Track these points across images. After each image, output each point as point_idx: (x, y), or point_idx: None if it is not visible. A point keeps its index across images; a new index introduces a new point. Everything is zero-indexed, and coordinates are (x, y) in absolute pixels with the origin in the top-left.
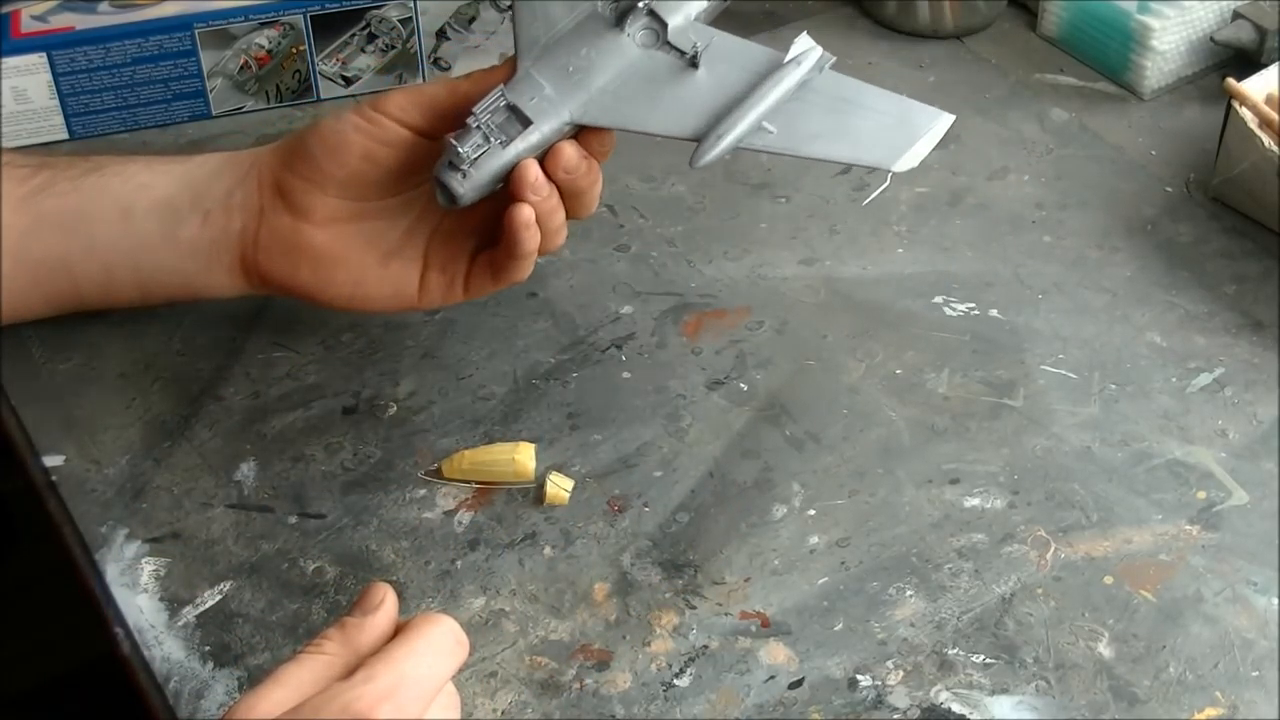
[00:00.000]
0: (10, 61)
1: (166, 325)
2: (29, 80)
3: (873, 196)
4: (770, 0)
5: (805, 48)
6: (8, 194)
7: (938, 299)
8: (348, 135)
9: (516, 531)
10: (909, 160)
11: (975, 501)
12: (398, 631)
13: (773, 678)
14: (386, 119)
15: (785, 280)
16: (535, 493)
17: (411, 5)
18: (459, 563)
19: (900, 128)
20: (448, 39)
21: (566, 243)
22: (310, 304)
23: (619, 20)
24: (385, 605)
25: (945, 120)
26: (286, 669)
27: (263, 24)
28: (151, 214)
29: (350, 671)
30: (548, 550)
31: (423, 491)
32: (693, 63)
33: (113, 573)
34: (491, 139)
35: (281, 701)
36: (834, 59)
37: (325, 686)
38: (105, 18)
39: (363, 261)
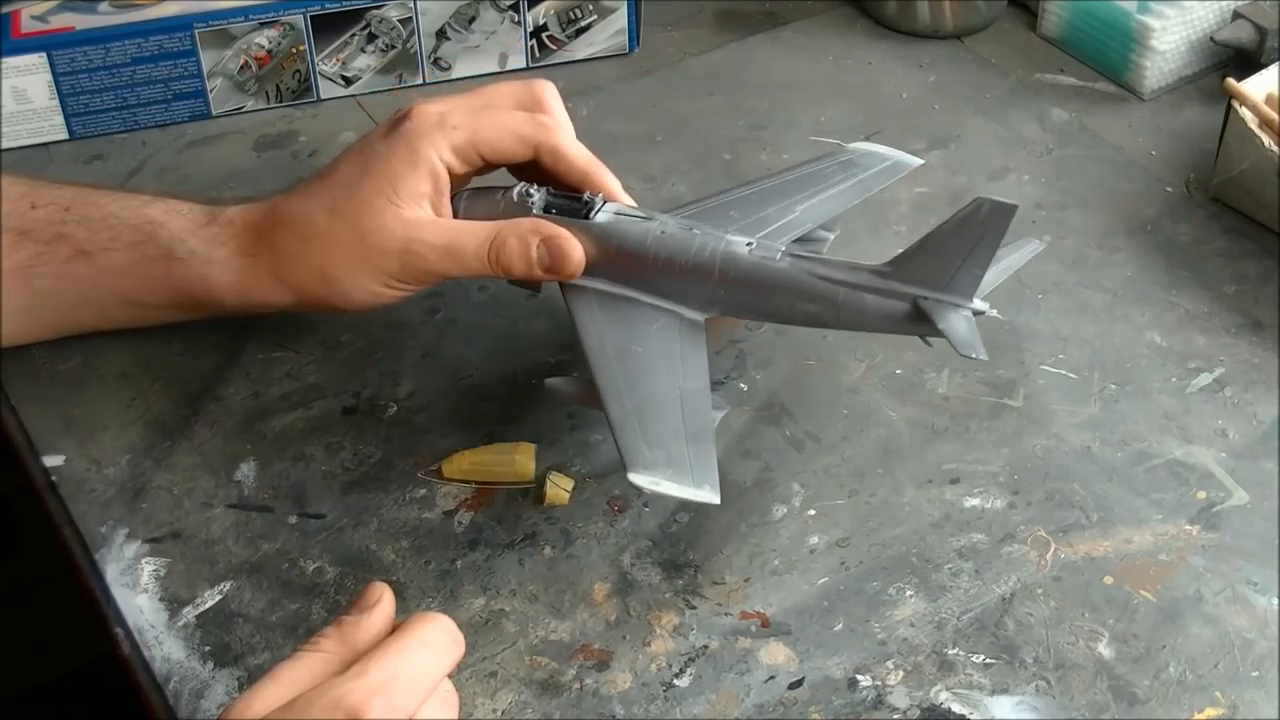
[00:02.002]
0: (10, 61)
1: (167, 326)
2: (29, 80)
3: None
4: (770, 0)
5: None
6: None
7: None
8: (391, 302)
9: (516, 531)
10: None
11: (975, 501)
12: (395, 630)
13: (773, 678)
14: (425, 286)
15: None
16: (535, 493)
17: (411, 5)
18: (459, 563)
19: None
20: (448, 39)
21: None
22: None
23: None
24: (382, 604)
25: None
26: (283, 667)
27: (263, 24)
28: (162, 308)
29: (346, 668)
30: (548, 550)
31: (423, 491)
32: None
33: (113, 573)
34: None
35: (277, 698)
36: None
37: (320, 683)
38: (105, 18)
39: None
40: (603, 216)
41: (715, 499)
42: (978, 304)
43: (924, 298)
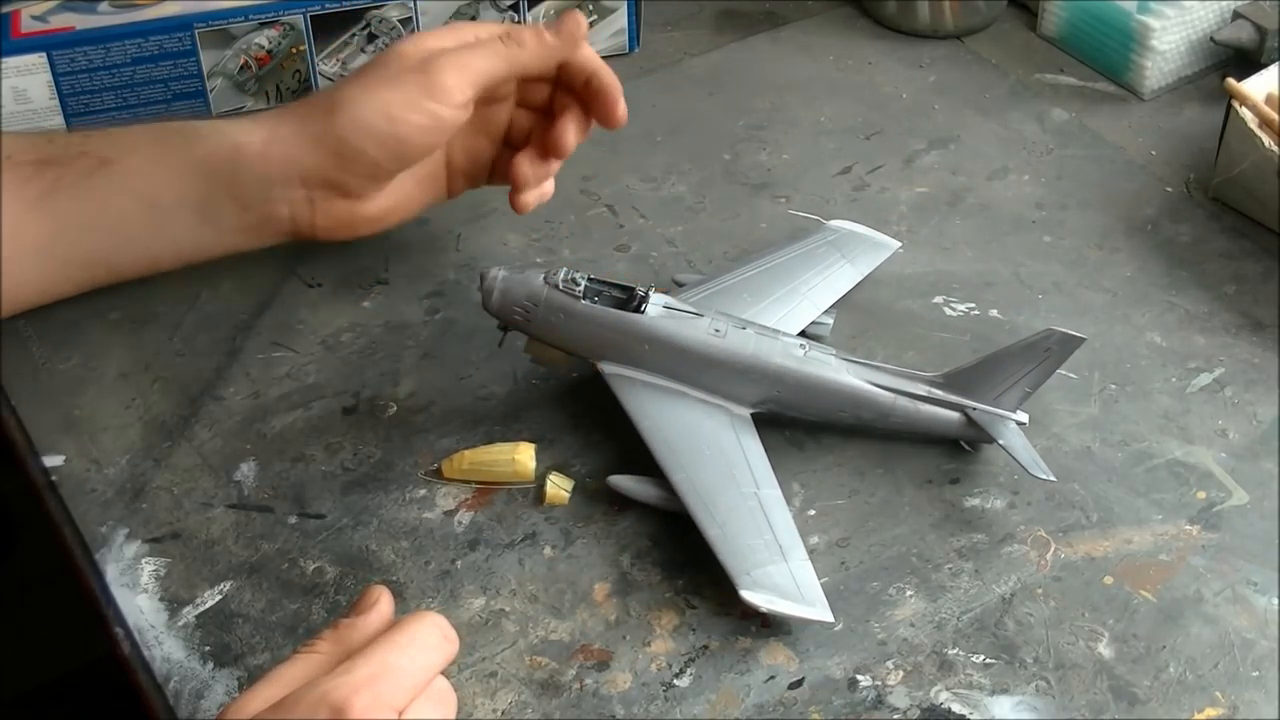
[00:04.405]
0: (10, 61)
1: (166, 325)
2: (29, 80)
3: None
4: (770, 0)
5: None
6: (14, 198)
7: (938, 299)
8: (412, 138)
9: (516, 531)
10: None
11: (975, 501)
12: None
13: (773, 678)
14: (449, 112)
15: None
16: (535, 493)
17: (411, 5)
18: (459, 563)
19: None
20: None
21: (567, 242)
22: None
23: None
24: (379, 606)
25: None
26: (279, 668)
27: (263, 24)
28: (182, 208)
29: None
30: (548, 550)
31: (423, 491)
32: None
33: (113, 573)
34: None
35: (271, 698)
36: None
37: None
38: (105, 18)
39: (406, 192)
40: (653, 310)
41: (829, 617)
42: (1020, 415)
43: (974, 408)
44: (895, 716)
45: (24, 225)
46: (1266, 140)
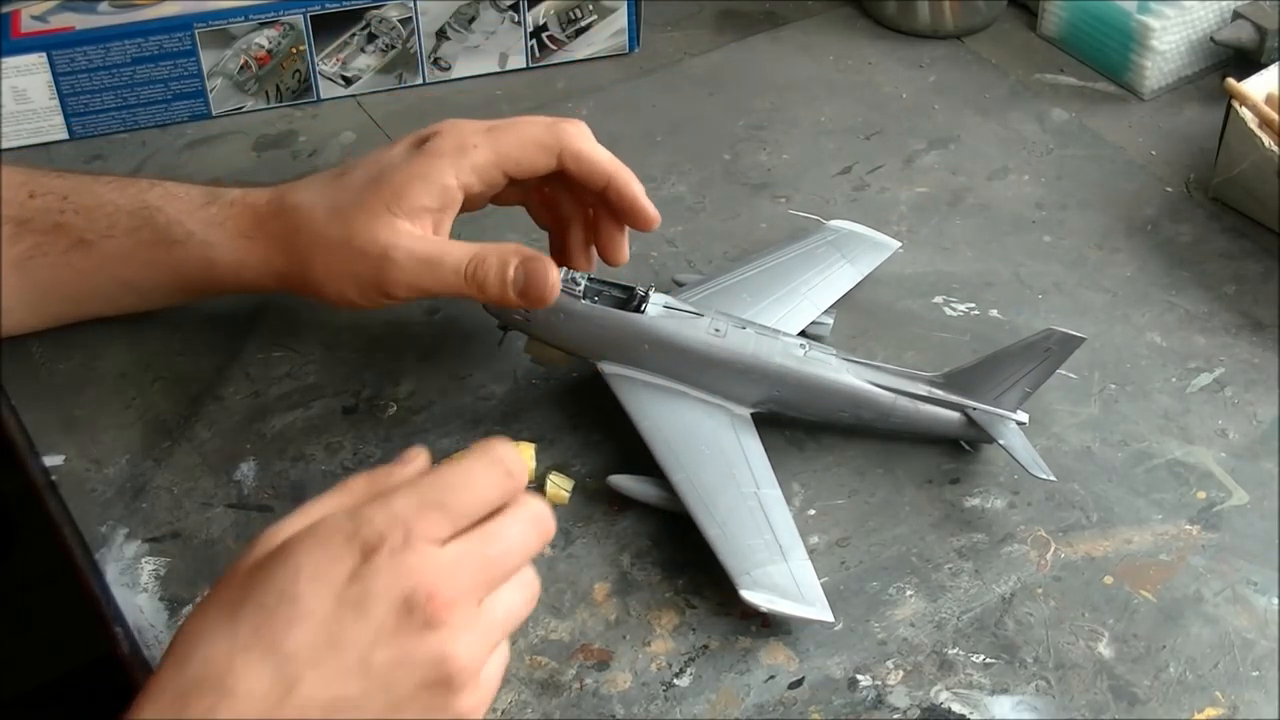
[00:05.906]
0: (10, 61)
1: (166, 325)
2: (29, 80)
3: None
4: (770, 0)
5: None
6: None
7: (938, 299)
8: (365, 308)
9: None
10: None
11: (975, 501)
12: None
13: (773, 678)
14: (398, 302)
15: None
16: (535, 493)
17: (411, 5)
18: None
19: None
20: (448, 39)
21: None
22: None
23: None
24: (418, 462)
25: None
26: (311, 503)
27: (263, 24)
28: (161, 289)
29: None
30: (548, 550)
31: None
32: None
33: (113, 573)
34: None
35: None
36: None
37: None
38: (105, 18)
39: None
40: (653, 310)
41: (829, 616)
42: (1020, 415)
43: (974, 408)
44: (895, 716)
45: (6, 282)
46: (1266, 140)
